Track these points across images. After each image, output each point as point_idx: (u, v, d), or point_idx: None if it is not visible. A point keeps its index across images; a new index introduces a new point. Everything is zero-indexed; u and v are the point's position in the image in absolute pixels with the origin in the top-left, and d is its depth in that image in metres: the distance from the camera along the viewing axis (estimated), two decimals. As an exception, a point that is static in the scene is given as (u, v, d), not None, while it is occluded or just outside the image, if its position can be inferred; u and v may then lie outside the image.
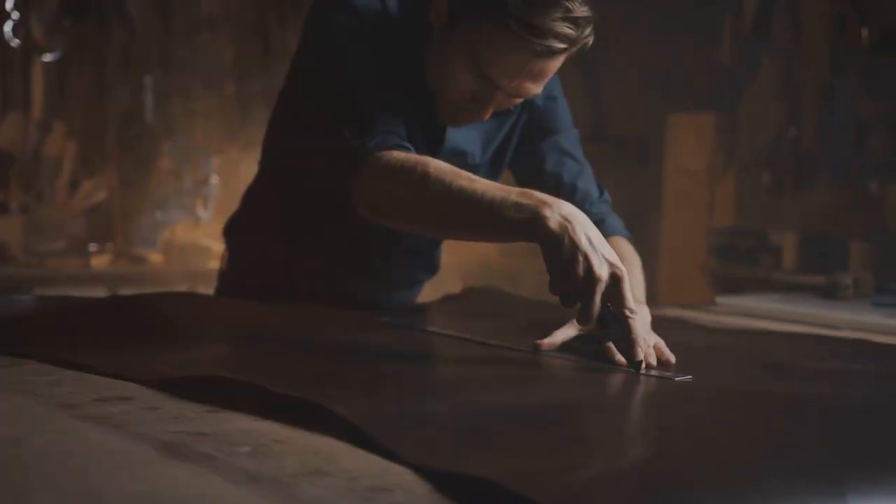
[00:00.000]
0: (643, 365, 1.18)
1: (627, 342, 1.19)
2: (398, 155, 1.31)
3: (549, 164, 1.62)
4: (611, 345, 1.23)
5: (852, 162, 4.22)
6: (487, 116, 1.43)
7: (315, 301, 1.59)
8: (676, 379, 1.16)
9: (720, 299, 2.14)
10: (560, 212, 1.17)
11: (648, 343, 1.23)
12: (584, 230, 1.17)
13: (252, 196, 1.72)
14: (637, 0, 4.77)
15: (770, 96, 4.52)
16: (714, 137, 4.72)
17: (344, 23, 1.42)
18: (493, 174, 1.61)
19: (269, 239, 1.66)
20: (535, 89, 1.37)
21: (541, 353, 1.30)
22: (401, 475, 0.74)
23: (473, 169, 1.51)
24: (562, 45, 1.29)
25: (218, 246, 3.78)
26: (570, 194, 1.58)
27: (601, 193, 1.66)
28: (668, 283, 4.75)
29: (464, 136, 1.54)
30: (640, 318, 1.26)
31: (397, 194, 1.31)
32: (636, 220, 2.05)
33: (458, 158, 1.52)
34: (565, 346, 1.33)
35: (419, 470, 0.74)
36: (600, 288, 1.16)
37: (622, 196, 1.95)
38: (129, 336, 1.29)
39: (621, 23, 4.76)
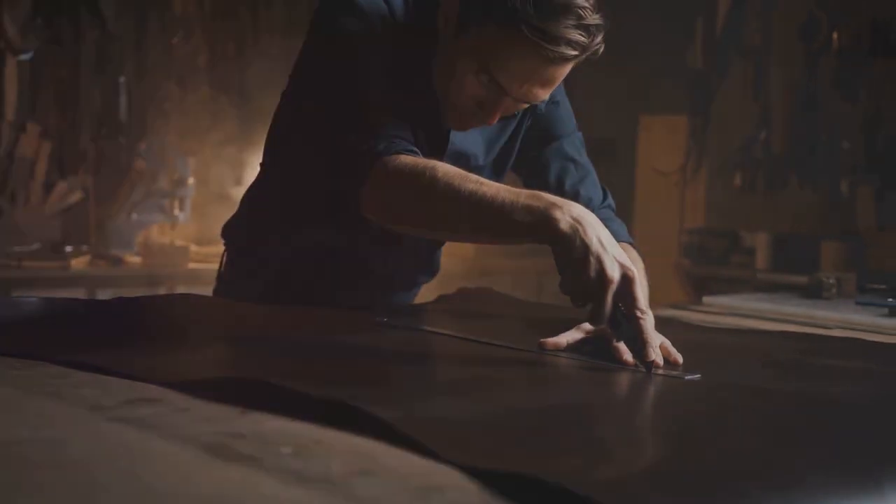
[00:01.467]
0: (654, 367, 1.20)
1: (639, 342, 1.20)
2: (406, 159, 1.32)
3: (552, 171, 1.63)
4: (621, 345, 1.25)
5: (823, 163, 4.29)
6: (494, 121, 1.43)
7: (313, 302, 1.59)
8: (686, 378, 1.18)
9: (707, 299, 2.17)
10: (570, 213, 1.19)
11: (655, 343, 1.24)
12: (596, 231, 1.18)
13: (252, 197, 1.71)
14: (608, 2, 4.81)
15: (741, 99, 4.57)
16: (686, 139, 4.77)
17: (351, 25, 1.42)
18: (495, 177, 1.62)
19: (269, 240, 1.66)
20: (543, 95, 1.39)
21: (546, 354, 1.31)
22: (447, 474, 0.74)
23: (476, 171, 1.51)
24: (573, 52, 1.30)
25: (195, 247, 3.78)
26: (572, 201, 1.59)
27: (604, 199, 1.67)
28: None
29: (467, 139, 1.55)
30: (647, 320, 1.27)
31: (406, 199, 1.32)
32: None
33: (462, 161, 1.52)
34: (569, 348, 1.34)
35: (463, 469, 0.75)
36: (612, 289, 1.17)
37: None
38: (140, 337, 1.29)
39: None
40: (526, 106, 1.44)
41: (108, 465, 0.74)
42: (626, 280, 1.18)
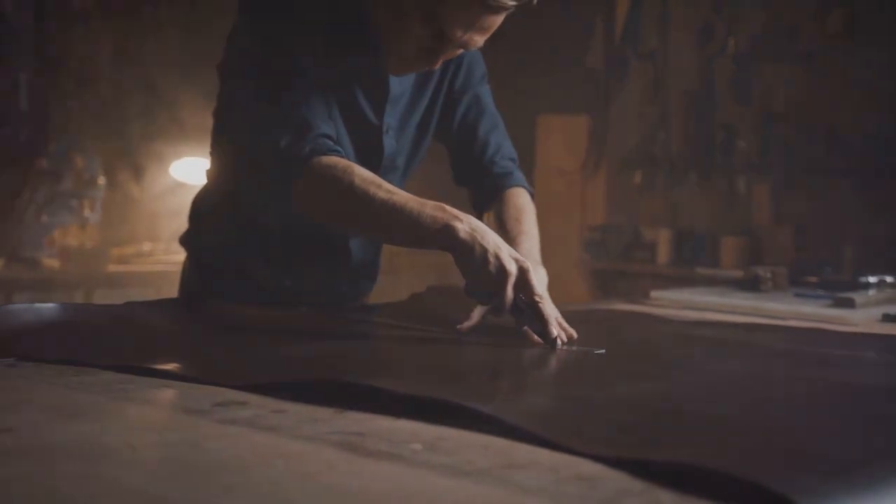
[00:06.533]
0: (558, 343, 1.33)
1: (541, 323, 1.35)
2: (328, 162, 1.40)
3: (468, 116, 1.73)
4: (527, 328, 1.37)
5: (720, 162, 4.47)
6: (437, 66, 1.51)
7: (285, 299, 1.62)
8: (595, 352, 1.31)
9: (654, 293, 2.25)
10: (469, 224, 1.34)
11: (554, 322, 1.35)
12: (492, 237, 1.34)
13: (202, 201, 1.71)
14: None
15: (640, 99, 4.72)
16: (586, 138, 4.90)
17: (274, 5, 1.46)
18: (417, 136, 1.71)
19: (225, 243, 1.66)
20: (481, 42, 1.46)
21: (462, 336, 1.40)
22: (588, 465, 0.77)
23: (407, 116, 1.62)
24: (512, 3, 1.38)
25: (111, 249, 3.69)
26: (482, 147, 1.73)
27: (510, 150, 1.80)
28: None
29: (399, 82, 1.62)
30: (540, 277, 1.45)
31: (328, 201, 1.42)
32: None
33: (393, 104, 1.61)
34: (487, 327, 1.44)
35: (599, 460, 0.78)
36: (511, 280, 1.33)
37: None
38: (179, 341, 1.28)
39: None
40: (460, 52, 1.51)
41: (265, 465, 0.75)
42: (522, 272, 1.34)
